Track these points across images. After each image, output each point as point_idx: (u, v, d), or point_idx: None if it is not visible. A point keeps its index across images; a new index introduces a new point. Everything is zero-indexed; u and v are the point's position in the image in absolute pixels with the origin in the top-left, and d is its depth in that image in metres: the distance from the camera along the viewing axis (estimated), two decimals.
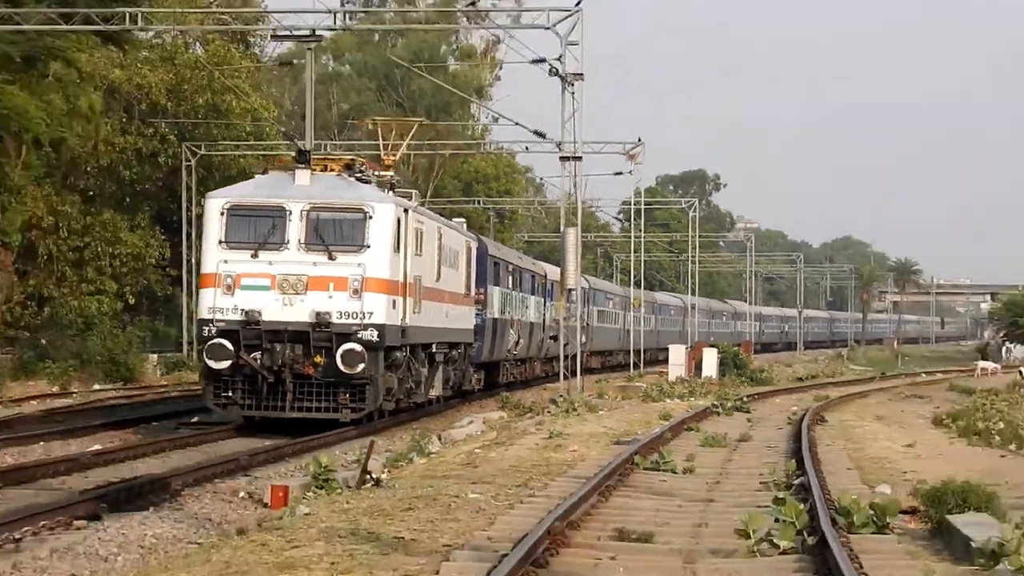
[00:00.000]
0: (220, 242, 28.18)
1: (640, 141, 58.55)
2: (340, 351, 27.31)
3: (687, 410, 34.45)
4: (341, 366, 27.30)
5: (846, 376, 71.50)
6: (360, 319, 27.63)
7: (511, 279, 47.46)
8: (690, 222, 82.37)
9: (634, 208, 73.40)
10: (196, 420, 30.46)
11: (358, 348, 27.33)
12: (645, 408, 36.44)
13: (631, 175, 63.23)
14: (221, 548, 13.59)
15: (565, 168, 41.98)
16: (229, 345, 27.37)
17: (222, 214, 28.31)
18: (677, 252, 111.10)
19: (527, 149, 64.20)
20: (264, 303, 27.66)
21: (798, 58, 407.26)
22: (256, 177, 31.02)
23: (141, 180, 58.09)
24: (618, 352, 74.95)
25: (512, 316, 47.13)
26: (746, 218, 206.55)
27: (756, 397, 43.91)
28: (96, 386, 45.49)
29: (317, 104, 60.15)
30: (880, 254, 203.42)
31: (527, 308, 50.25)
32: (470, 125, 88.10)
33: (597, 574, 11.80)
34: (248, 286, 27.81)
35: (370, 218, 28.17)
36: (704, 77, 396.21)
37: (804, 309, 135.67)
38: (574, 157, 41.23)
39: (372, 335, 27.63)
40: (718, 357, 59.93)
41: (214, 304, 27.80)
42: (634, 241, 74.94)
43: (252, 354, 27.49)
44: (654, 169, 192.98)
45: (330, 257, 27.87)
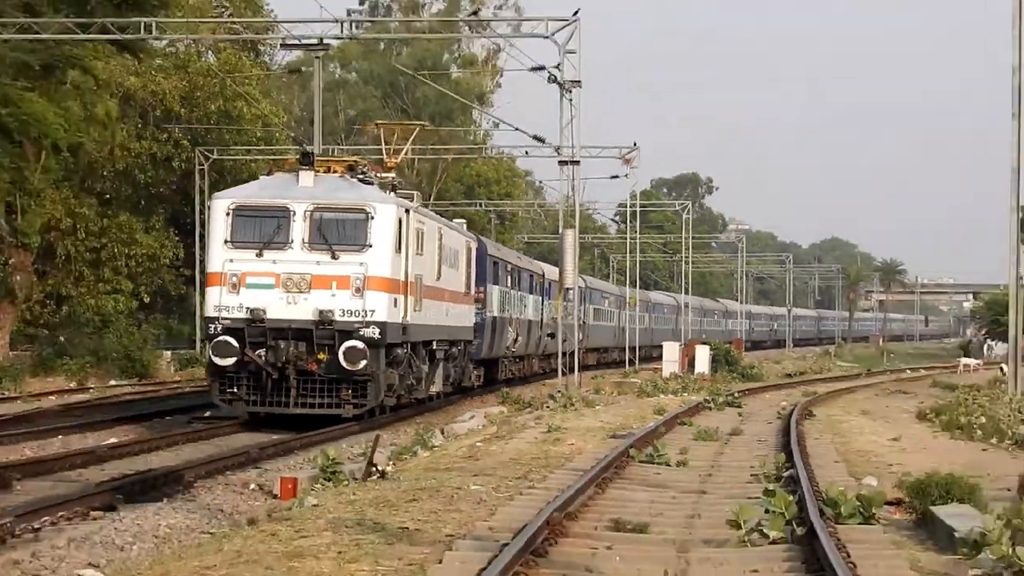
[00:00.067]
0: (226, 242, 27.90)
1: (635, 146, 58.50)
2: (343, 348, 27.06)
3: (680, 405, 34.43)
4: (343, 363, 27.05)
5: (833, 372, 71.53)
6: (362, 317, 27.38)
7: (510, 278, 47.25)
8: (683, 224, 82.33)
9: (630, 210, 73.42)
10: (208, 415, 30.41)
11: (360, 345, 27.09)
12: (640, 403, 36.42)
13: (627, 179, 63.16)
14: (232, 538, 13.59)
15: (563, 172, 42.03)
16: (234, 342, 27.14)
17: (228, 214, 28.03)
18: (671, 253, 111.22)
19: (527, 153, 64.25)
20: (269, 301, 27.39)
21: (792, 61, 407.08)
22: (261, 178, 30.64)
23: (156, 183, 58.15)
24: (613, 349, 74.88)
25: (511, 314, 46.91)
26: (737, 220, 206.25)
27: (747, 393, 43.90)
28: (112, 382, 45.51)
29: (325, 110, 60.15)
30: (866, 255, 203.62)
31: (525, 307, 50.10)
32: (472, 130, 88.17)
33: (594, 563, 11.79)
34: (253, 285, 27.52)
35: (372, 218, 27.87)
36: (695, 83, 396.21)
37: (793, 308, 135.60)
38: (572, 161, 41.28)
39: (374, 333, 27.37)
40: (710, 354, 59.88)
41: (220, 302, 27.54)
42: (630, 242, 75.03)
43: (257, 351, 27.23)
44: (649, 172, 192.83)
45: (333, 256, 27.60)
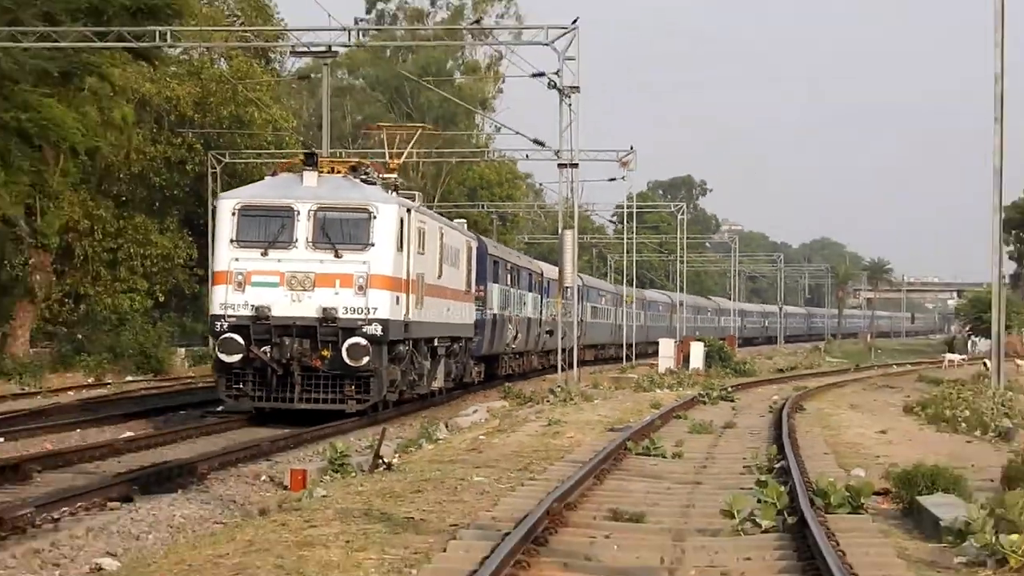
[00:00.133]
0: (232, 241, 27.68)
1: (632, 149, 58.40)
2: (346, 345, 26.85)
3: (676, 399, 34.43)
4: (347, 359, 26.85)
5: (823, 368, 71.44)
6: (365, 314, 27.16)
7: (509, 277, 47.10)
8: (678, 225, 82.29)
9: (626, 212, 73.47)
10: (221, 409, 30.35)
11: (363, 342, 26.89)
12: (637, 398, 36.39)
13: (624, 181, 63.18)
14: (244, 527, 13.58)
15: (563, 175, 42.02)
16: (240, 339, 26.98)
17: (233, 214, 27.80)
18: (666, 252, 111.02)
19: (527, 157, 64.34)
20: (273, 299, 27.17)
21: (790, 62, 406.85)
22: (266, 179, 30.47)
23: (170, 186, 58.13)
24: (610, 345, 74.87)
25: (511, 312, 46.75)
26: (730, 221, 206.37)
27: (740, 387, 43.85)
28: (128, 377, 45.52)
29: (333, 115, 60.11)
30: (854, 254, 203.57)
31: (525, 304, 49.97)
32: (474, 135, 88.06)
33: (593, 551, 11.78)
34: (258, 283, 27.31)
35: (374, 218, 27.64)
36: (692, 83, 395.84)
37: (784, 305, 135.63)
38: (571, 164, 41.27)
39: (376, 330, 27.16)
40: (704, 350, 59.89)
41: (226, 300, 27.35)
42: (626, 242, 75.06)
43: (262, 348, 27.04)
44: (645, 175, 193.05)
45: (336, 255, 27.39)
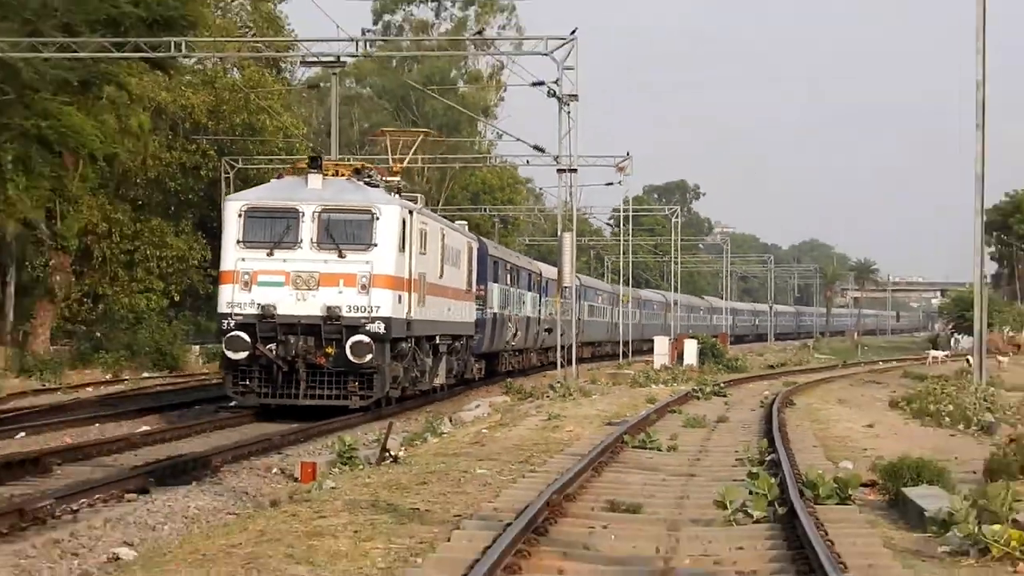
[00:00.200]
0: (238, 242, 27.45)
1: (628, 155, 58.42)
2: (349, 342, 26.65)
3: (670, 395, 34.40)
4: (350, 356, 26.64)
5: (812, 364, 71.46)
6: (368, 313, 26.95)
7: (509, 277, 46.89)
8: (672, 227, 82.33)
9: (623, 215, 73.43)
10: (234, 404, 30.31)
11: (366, 340, 26.68)
12: (633, 393, 36.38)
13: (620, 186, 63.16)
14: (256, 518, 13.58)
15: (562, 179, 42.04)
16: (246, 337, 26.73)
17: (240, 216, 27.56)
18: (661, 254, 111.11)
19: (528, 162, 63.85)
20: (279, 298, 26.97)
21: (783, 65, 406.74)
22: (272, 181, 30.25)
23: (185, 191, 58.14)
24: (607, 343, 74.86)
25: (510, 311, 46.57)
26: (722, 223, 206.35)
27: (732, 383, 43.84)
28: (145, 374, 45.54)
29: (341, 122, 60.12)
30: (842, 255, 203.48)
31: (524, 303, 49.81)
32: (477, 141, 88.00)
33: (591, 541, 11.77)
34: (264, 282, 27.09)
35: (377, 219, 27.45)
36: (688, 88, 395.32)
37: (774, 304, 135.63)
38: (570, 170, 41.28)
39: (379, 327, 26.95)
40: (698, 347, 59.85)
41: (232, 299, 27.09)
42: (623, 244, 75.00)
43: (268, 345, 26.84)
44: (641, 179, 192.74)
45: (340, 255, 27.17)
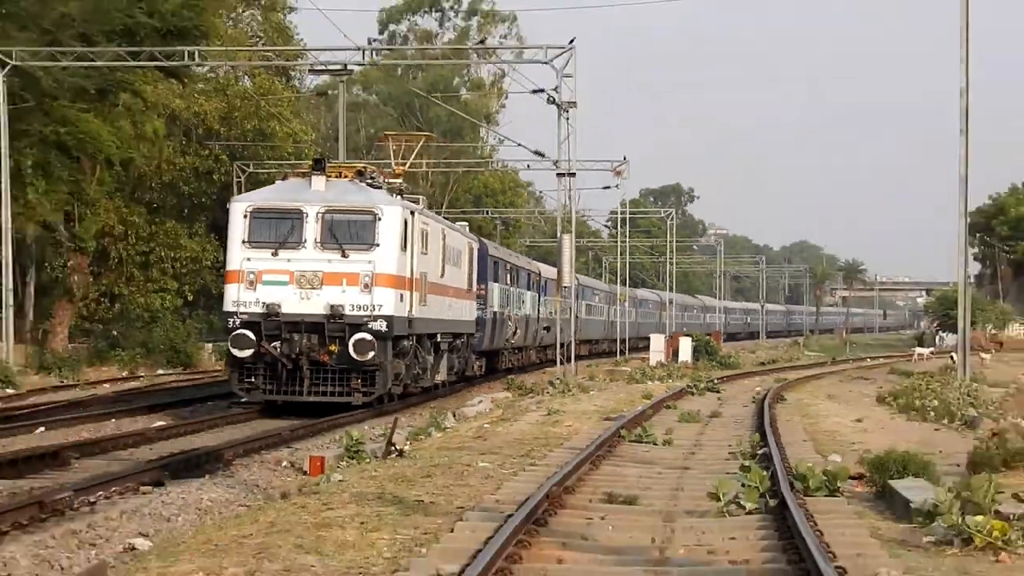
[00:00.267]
0: (243, 242, 27.15)
1: (625, 159, 58.44)
2: (352, 340, 26.35)
3: (666, 391, 34.40)
4: (353, 354, 26.34)
5: (802, 361, 71.47)
6: (370, 311, 26.68)
7: (509, 276, 46.64)
8: (668, 229, 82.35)
9: (620, 217, 73.39)
10: (245, 400, 30.28)
11: (368, 337, 26.38)
12: (630, 389, 36.37)
13: (617, 189, 63.14)
14: (267, 510, 13.57)
15: (561, 183, 42.08)
16: (252, 335, 26.41)
17: (245, 216, 27.27)
18: (657, 254, 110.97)
19: (528, 167, 64.31)
20: (283, 297, 26.69)
21: (788, 63, 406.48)
22: (276, 183, 30.04)
23: (198, 194, 58.14)
24: (604, 341, 74.78)
25: (510, 310, 46.35)
26: (716, 225, 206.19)
27: (725, 379, 43.84)
28: (160, 371, 45.53)
29: (348, 128, 60.00)
30: (831, 256, 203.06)
31: (523, 303, 49.62)
32: (479, 146, 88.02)
33: (589, 531, 11.77)
34: (269, 281, 26.80)
35: (379, 219, 27.15)
36: (687, 88, 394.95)
37: (765, 303, 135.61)
38: (569, 174, 41.32)
39: (381, 326, 26.68)
40: (692, 345, 59.83)
41: (238, 298, 26.81)
42: (620, 245, 74.94)
43: (272, 343, 26.56)
44: (638, 182, 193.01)
45: (343, 255, 26.85)
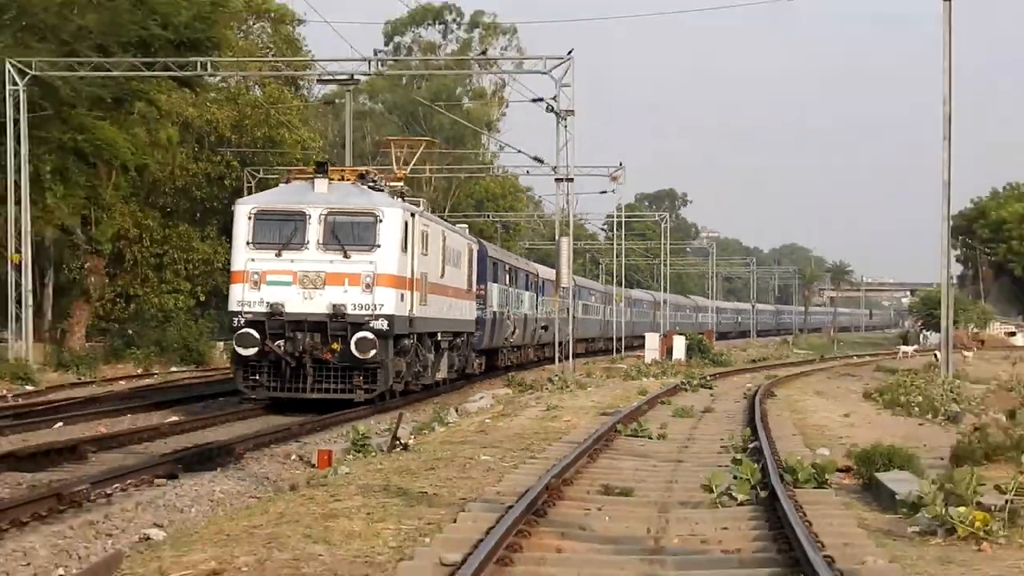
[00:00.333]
0: (248, 243, 26.95)
1: (621, 165, 58.50)
2: (354, 339, 26.18)
3: (660, 387, 34.36)
4: (355, 352, 26.18)
5: (791, 359, 71.37)
6: (372, 310, 26.50)
7: (508, 277, 46.48)
8: (662, 232, 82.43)
9: (616, 220, 73.44)
10: (255, 397, 30.20)
11: (370, 336, 26.21)
12: (626, 385, 36.33)
13: (614, 193, 63.29)
14: (277, 501, 13.56)
15: (559, 188, 42.06)
16: (256, 334, 26.22)
17: (249, 218, 27.06)
18: (651, 256, 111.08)
19: (528, 172, 64.38)
20: (287, 297, 26.51)
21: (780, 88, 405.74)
22: (280, 186, 29.88)
23: (210, 199, 58.14)
24: (600, 339, 74.78)
25: (509, 309, 46.19)
26: (708, 228, 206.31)
27: (717, 376, 43.75)
28: (173, 368, 45.50)
29: (354, 136, 60.06)
30: (819, 258, 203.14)
31: (522, 302, 49.48)
32: (481, 153, 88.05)
33: (587, 522, 11.75)
34: (273, 282, 26.59)
35: (380, 221, 26.96)
36: (676, 101, 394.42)
37: (756, 303, 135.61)
38: (567, 179, 41.30)
39: (382, 324, 26.48)
40: (686, 343, 59.82)
41: (243, 298, 26.60)
42: (616, 248, 75.01)
43: (276, 342, 26.37)
44: (632, 188, 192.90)
45: (345, 256, 26.66)
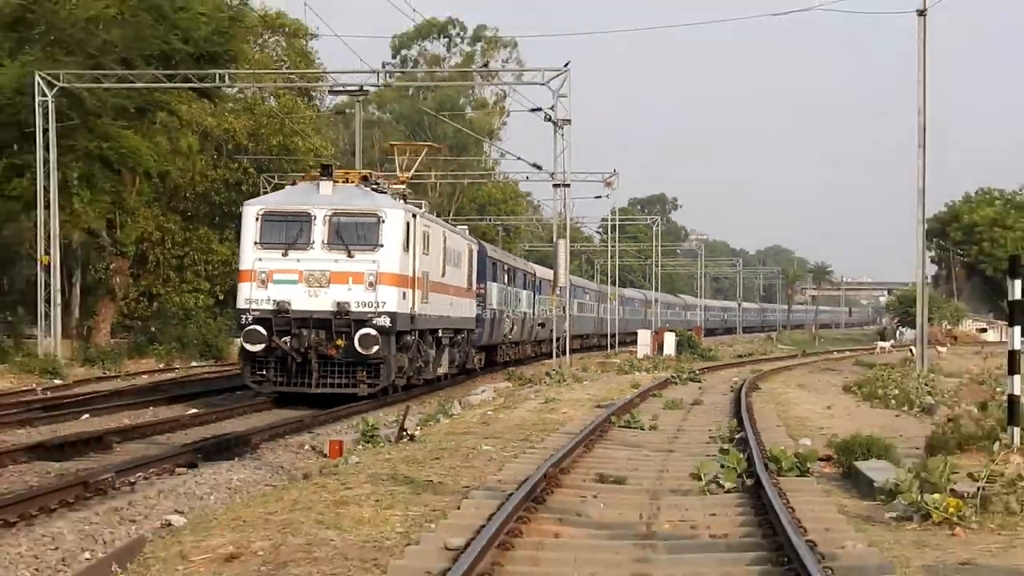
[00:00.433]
0: (255, 243, 26.66)
1: (615, 172, 58.41)
2: (358, 335, 25.92)
3: (652, 380, 34.34)
4: (358, 348, 25.93)
5: (775, 354, 71.33)
6: (375, 308, 26.23)
7: (507, 277, 46.27)
8: (653, 235, 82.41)
9: (610, 224, 73.42)
10: (262, 391, 30.11)
11: (373, 332, 25.98)
12: (619, 379, 36.32)
13: (608, 198, 63.17)
14: (291, 489, 13.55)
15: (557, 193, 42.02)
16: (263, 331, 25.93)
17: (257, 219, 26.76)
18: (643, 257, 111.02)
19: (527, 178, 64.71)
20: (293, 295, 26.21)
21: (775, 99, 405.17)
22: (286, 188, 29.75)
23: (228, 203, 58.00)
24: (594, 335, 74.75)
25: (508, 307, 46.01)
26: (697, 231, 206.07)
27: (705, 370, 43.78)
28: (193, 363, 45.46)
29: (364, 144, 60.04)
30: (801, 259, 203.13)
31: (520, 301, 49.29)
32: (483, 160, 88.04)
33: (583, 508, 11.75)
34: (279, 280, 26.32)
35: (383, 222, 26.69)
36: (670, 104, 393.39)
37: (742, 302, 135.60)
38: (564, 184, 41.26)
39: (385, 321, 26.25)
40: (676, 339, 59.78)
41: (250, 296, 26.31)
42: (610, 249, 74.98)
43: (283, 338, 26.10)
44: (626, 193, 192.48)
45: (349, 255, 26.38)
